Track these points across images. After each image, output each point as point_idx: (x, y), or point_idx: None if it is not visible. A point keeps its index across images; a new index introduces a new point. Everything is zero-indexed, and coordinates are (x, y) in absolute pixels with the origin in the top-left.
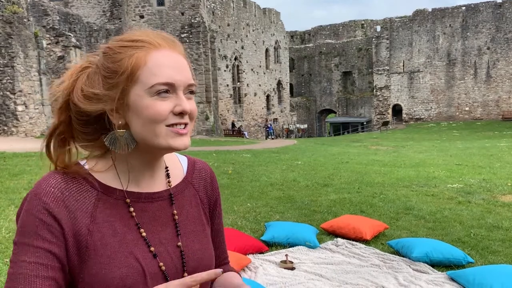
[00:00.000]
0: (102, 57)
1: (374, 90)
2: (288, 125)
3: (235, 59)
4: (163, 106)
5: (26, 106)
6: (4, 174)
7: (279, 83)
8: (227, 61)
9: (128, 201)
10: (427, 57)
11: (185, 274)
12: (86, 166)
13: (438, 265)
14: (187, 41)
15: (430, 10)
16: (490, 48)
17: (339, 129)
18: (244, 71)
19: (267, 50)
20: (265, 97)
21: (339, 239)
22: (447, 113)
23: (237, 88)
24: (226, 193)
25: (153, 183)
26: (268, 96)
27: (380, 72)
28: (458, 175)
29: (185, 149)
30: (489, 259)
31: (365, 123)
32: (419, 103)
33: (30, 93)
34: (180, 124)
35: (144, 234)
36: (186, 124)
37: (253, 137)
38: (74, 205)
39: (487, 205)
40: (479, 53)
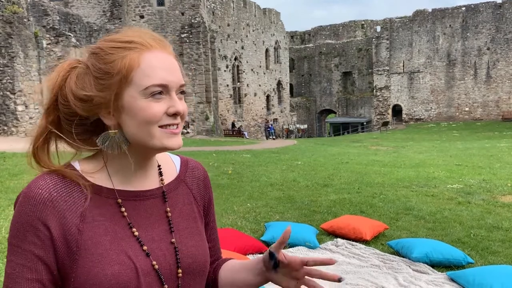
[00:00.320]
0: (92, 57)
1: (374, 91)
2: (288, 125)
3: (235, 59)
4: (157, 108)
5: (26, 106)
6: (4, 174)
7: (279, 83)
8: (227, 61)
9: (120, 201)
10: (427, 57)
11: (179, 271)
12: (77, 167)
13: (438, 265)
14: (187, 41)
15: (430, 10)
16: (490, 48)
17: (339, 129)
18: (244, 71)
19: (267, 50)
20: (265, 97)
21: (339, 239)
22: (447, 113)
23: (237, 88)
24: (226, 193)
25: (146, 181)
26: (268, 96)
27: (380, 73)
28: (458, 176)
29: (178, 148)
30: (489, 259)
31: (365, 123)
32: (419, 103)
33: (30, 93)
34: (173, 124)
35: (136, 233)
36: (178, 125)
37: (253, 137)
38: (63, 206)
39: (487, 206)
40: (479, 53)
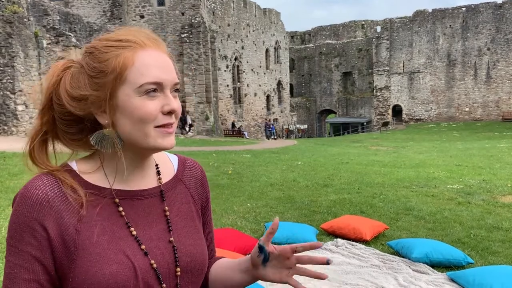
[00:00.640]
0: (87, 57)
1: (374, 91)
2: (288, 125)
3: (235, 59)
4: (152, 106)
5: (26, 106)
6: (4, 174)
7: (279, 83)
8: (227, 61)
9: (117, 200)
10: (427, 57)
11: (178, 269)
12: (75, 167)
13: (438, 265)
14: (187, 41)
15: (430, 10)
16: (490, 49)
17: (339, 129)
18: (244, 71)
19: (267, 51)
20: (265, 97)
21: (339, 239)
22: (447, 113)
23: (237, 88)
24: (226, 193)
25: (143, 181)
26: (268, 97)
27: (380, 73)
28: (458, 176)
29: (171, 148)
30: (489, 259)
31: (365, 123)
32: (419, 103)
33: (30, 93)
34: (168, 124)
35: (134, 232)
36: (172, 124)
37: (253, 137)
38: (60, 206)
39: (487, 206)
40: (479, 54)
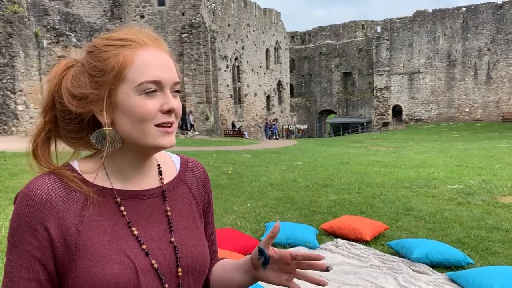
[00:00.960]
0: (88, 56)
1: (374, 91)
2: (288, 125)
3: (236, 59)
4: (151, 105)
5: (26, 106)
6: (4, 173)
7: (279, 83)
8: (227, 61)
9: (119, 200)
10: (427, 58)
11: (179, 270)
12: (76, 166)
13: (438, 266)
14: (188, 41)
15: (431, 11)
16: (491, 49)
17: (339, 129)
18: (244, 71)
19: (267, 51)
20: (265, 98)
21: (339, 239)
22: (447, 114)
23: (237, 89)
24: (226, 193)
25: (145, 181)
26: (268, 97)
27: (380, 73)
28: (458, 176)
29: (171, 147)
30: (489, 260)
31: (365, 123)
32: (419, 104)
33: (30, 93)
34: (167, 123)
35: (135, 232)
36: (172, 123)
37: (253, 137)
38: (62, 206)
39: (487, 206)
40: (479, 54)
